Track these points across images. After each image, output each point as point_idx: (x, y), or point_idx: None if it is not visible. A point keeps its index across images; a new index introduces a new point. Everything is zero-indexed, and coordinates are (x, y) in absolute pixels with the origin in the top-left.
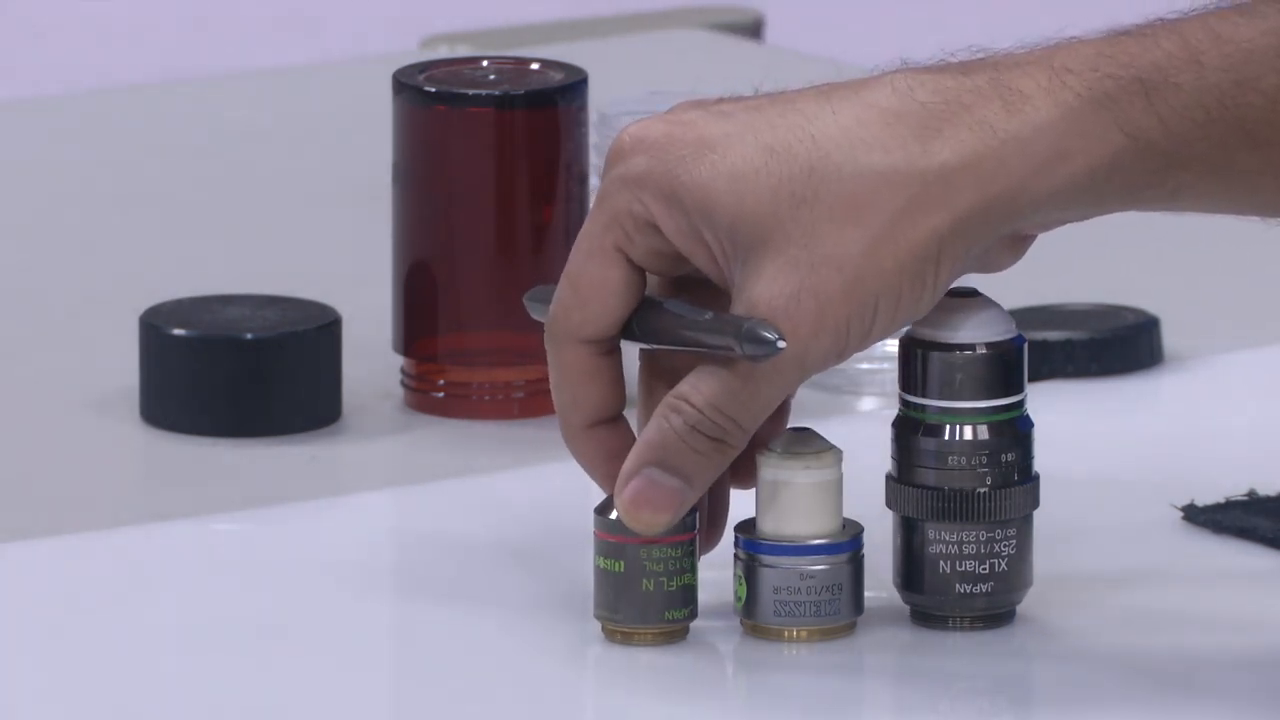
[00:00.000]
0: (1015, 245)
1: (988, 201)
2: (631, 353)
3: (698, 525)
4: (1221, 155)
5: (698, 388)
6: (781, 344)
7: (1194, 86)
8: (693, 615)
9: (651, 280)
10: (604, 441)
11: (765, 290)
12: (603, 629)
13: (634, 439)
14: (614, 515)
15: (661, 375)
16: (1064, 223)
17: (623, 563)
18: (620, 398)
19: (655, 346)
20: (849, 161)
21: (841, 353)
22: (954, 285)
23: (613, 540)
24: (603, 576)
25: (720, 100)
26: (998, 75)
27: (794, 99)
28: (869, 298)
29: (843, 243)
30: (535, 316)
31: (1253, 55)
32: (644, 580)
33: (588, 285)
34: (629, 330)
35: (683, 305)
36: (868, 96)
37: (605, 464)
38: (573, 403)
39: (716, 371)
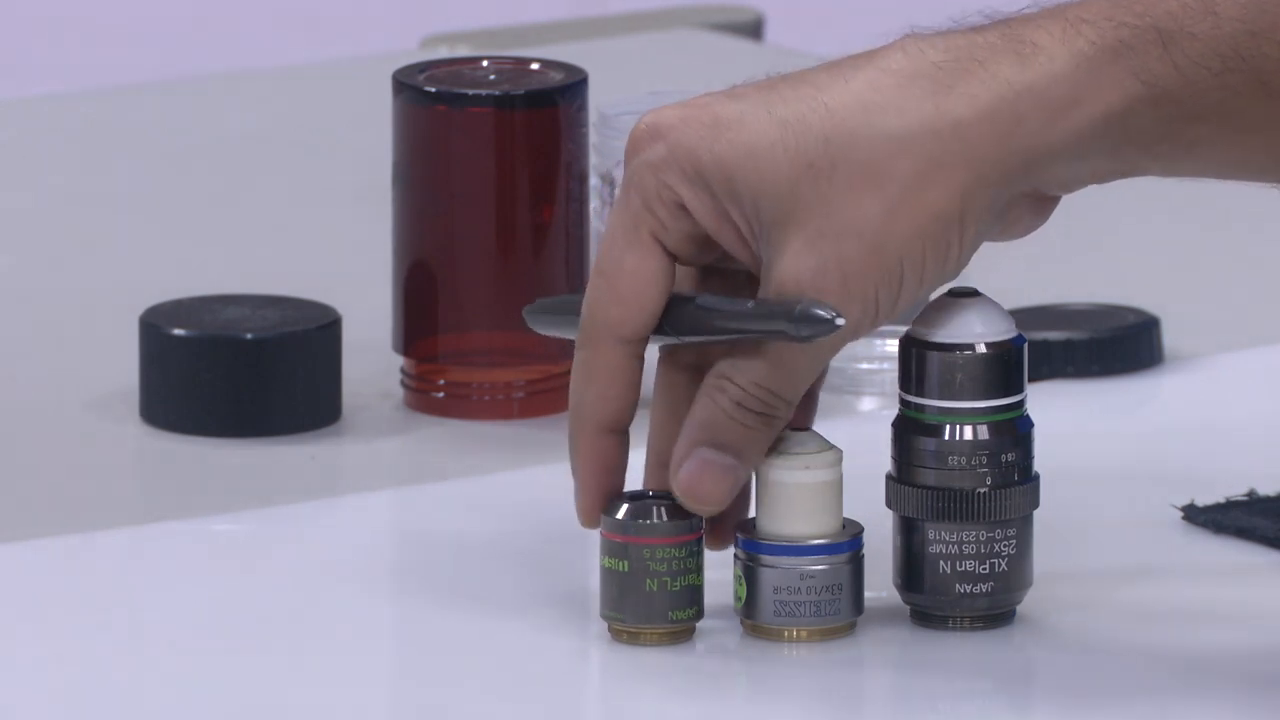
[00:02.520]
0: (1039, 207)
1: (1005, 154)
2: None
3: (703, 525)
4: (1237, 106)
5: (738, 366)
6: (840, 321)
7: (1210, 35)
8: (698, 615)
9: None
10: (609, 450)
11: (791, 266)
12: (609, 628)
13: (626, 459)
14: (620, 515)
15: (683, 370)
16: (1085, 183)
17: (627, 562)
18: (633, 410)
19: (689, 340)
20: (864, 127)
21: (874, 320)
22: (953, 286)
23: (618, 540)
24: (608, 576)
25: (734, 86)
26: (1010, 30)
27: (805, 74)
28: (893, 264)
29: (862, 210)
30: (539, 330)
31: (1267, 6)
32: (648, 580)
33: (627, 278)
34: (658, 326)
35: (716, 299)
36: (880, 62)
37: (601, 474)
38: (596, 402)
39: (753, 350)
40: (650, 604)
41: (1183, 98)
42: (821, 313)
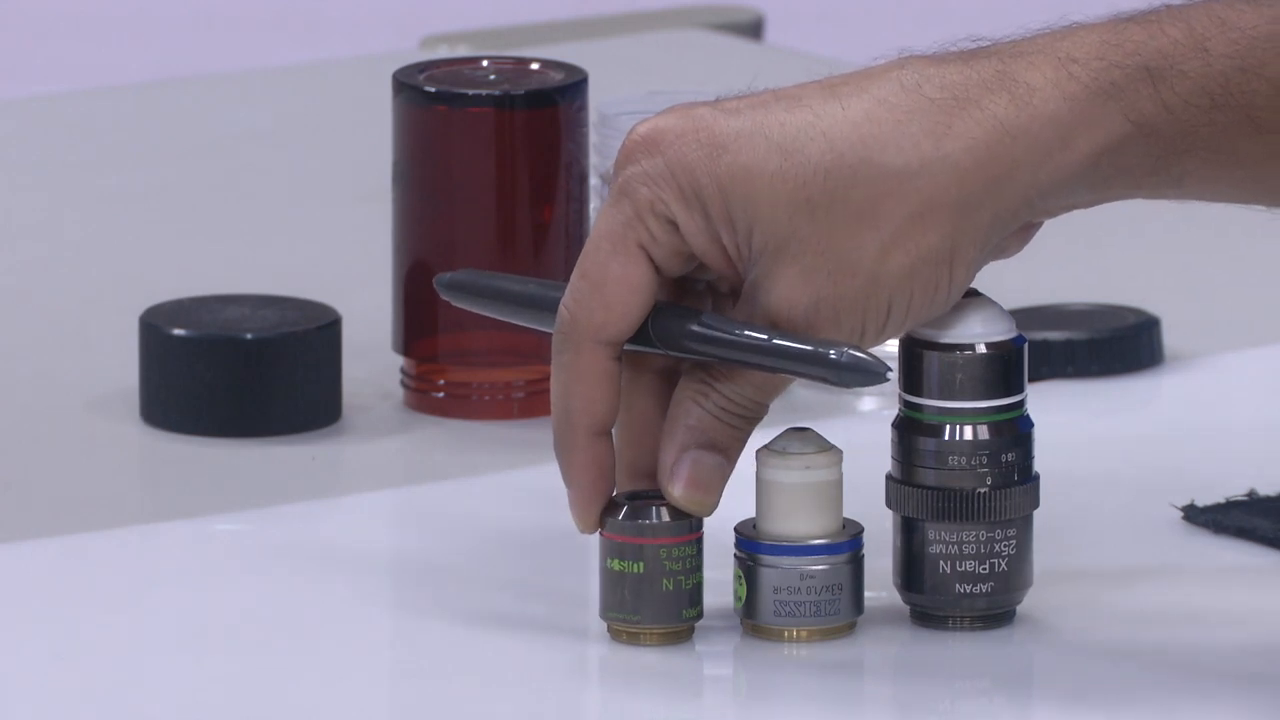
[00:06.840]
0: (1023, 232)
1: (1000, 198)
2: None
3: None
4: (1226, 141)
5: (717, 376)
6: (890, 374)
7: (1200, 74)
8: (701, 615)
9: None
10: (602, 454)
11: (785, 297)
12: (609, 629)
13: (614, 460)
14: (629, 517)
15: (654, 373)
16: (1071, 209)
17: (642, 564)
18: (617, 410)
19: (681, 355)
20: (862, 164)
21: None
22: None
23: (630, 541)
24: (617, 578)
25: (721, 99)
26: (1004, 67)
27: (799, 94)
28: (882, 299)
29: (857, 248)
30: (454, 303)
31: (1258, 42)
32: (664, 580)
33: (613, 284)
34: (641, 334)
35: (722, 322)
36: (875, 92)
37: (596, 479)
38: (585, 407)
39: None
40: (665, 603)
41: (1172, 135)
42: (871, 366)
